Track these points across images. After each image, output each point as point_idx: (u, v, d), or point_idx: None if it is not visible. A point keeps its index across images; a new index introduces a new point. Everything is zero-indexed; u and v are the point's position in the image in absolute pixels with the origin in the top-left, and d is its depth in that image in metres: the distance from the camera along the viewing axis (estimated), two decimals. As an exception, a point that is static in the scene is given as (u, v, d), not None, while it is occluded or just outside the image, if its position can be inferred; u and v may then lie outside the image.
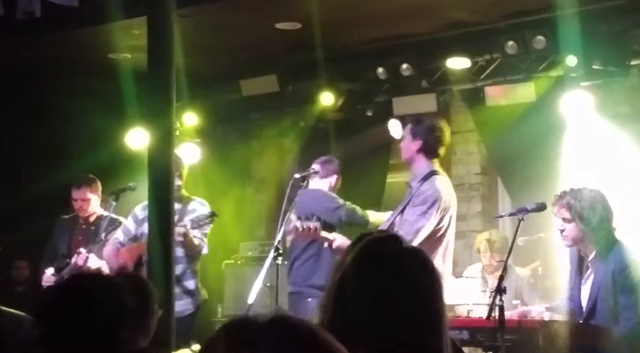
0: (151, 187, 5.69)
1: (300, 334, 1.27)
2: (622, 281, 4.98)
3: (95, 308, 2.74)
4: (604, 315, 5.02)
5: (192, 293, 6.83)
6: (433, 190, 5.76)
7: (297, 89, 8.89)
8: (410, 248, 2.14)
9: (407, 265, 2.06)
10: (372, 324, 1.97)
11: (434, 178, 5.86)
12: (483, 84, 8.08)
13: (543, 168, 7.60)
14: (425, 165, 5.90)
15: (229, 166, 9.56)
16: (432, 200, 5.71)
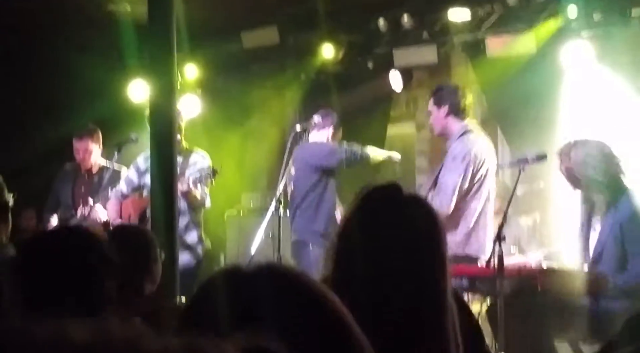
0: (153, 139, 5.72)
1: (289, 282, 1.27)
2: (630, 231, 5.02)
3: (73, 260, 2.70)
4: (610, 263, 5.06)
5: (193, 248, 6.85)
6: (462, 147, 5.89)
7: (297, 41, 8.87)
8: (411, 196, 2.15)
9: (408, 212, 2.06)
10: (371, 273, 1.97)
11: (465, 136, 6.01)
12: (483, 35, 8.06)
13: (543, 118, 7.63)
14: (460, 126, 6.03)
15: (230, 118, 9.57)
16: (461, 156, 5.85)
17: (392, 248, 2.01)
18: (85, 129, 7.55)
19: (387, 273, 1.98)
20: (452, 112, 6.07)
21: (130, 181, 7.09)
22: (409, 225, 2.04)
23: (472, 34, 8.22)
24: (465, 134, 6.03)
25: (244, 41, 8.84)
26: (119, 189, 7.12)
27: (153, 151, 5.72)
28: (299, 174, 6.97)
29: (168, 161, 5.55)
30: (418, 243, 2.02)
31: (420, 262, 2.01)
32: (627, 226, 5.03)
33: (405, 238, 2.01)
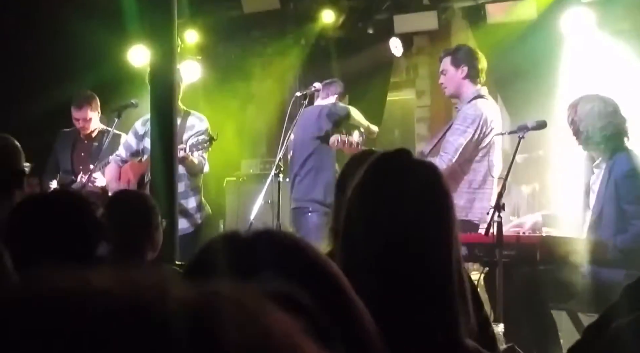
0: (153, 104, 5.73)
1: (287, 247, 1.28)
2: (626, 190, 5.01)
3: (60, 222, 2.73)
4: (610, 223, 5.05)
5: (190, 214, 6.82)
6: (474, 110, 5.92)
7: (298, 6, 8.84)
8: (419, 161, 2.13)
9: (418, 177, 2.05)
10: (380, 239, 1.97)
11: (479, 100, 6.03)
12: (484, 2, 8.04)
13: (543, 86, 7.62)
14: (474, 89, 6.06)
15: (230, 83, 9.55)
16: (471, 119, 5.88)
17: (401, 213, 2.00)
18: (82, 97, 7.51)
19: (396, 238, 1.98)
20: (469, 75, 6.09)
21: (129, 146, 7.09)
22: (419, 189, 2.02)
23: (473, 0, 8.19)
24: (477, 98, 6.06)
25: (244, 6, 8.80)
26: (119, 154, 7.12)
27: (153, 115, 5.74)
28: (297, 141, 6.98)
29: (168, 126, 5.57)
30: (427, 208, 2.01)
31: (430, 227, 2.00)
32: (622, 184, 5.01)
33: (415, 203, 2.00)
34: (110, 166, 7.14)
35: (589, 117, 5.12)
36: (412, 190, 2.02)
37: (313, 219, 6.58)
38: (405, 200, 2.00)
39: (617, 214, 5.03)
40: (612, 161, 5.11)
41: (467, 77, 6.11)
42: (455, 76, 6.12)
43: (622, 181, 5.02)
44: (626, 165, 5.06)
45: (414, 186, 2.03)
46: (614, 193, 5.02)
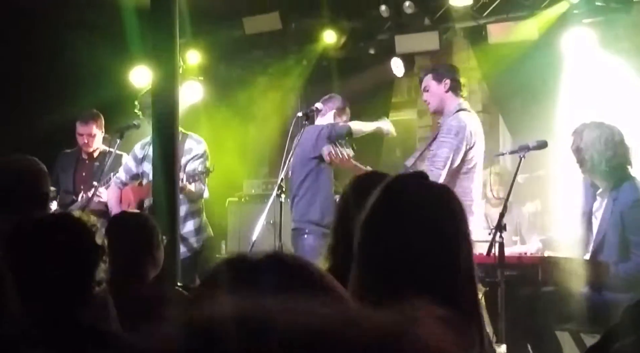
0: (155, 125, 5.74)
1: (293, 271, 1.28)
2: (631, 220, 5.00)
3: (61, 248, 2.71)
4: (612, 251, 5.05)
5: (185, 238, 6.76)
6: (457, 121, 5.97)
7: (299, 27, 8.87)
8: (435, 186, 2.13)
9: (433, 203, 2.06)
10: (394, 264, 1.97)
11: (462, 112, 6.12)
12: (485, 22, 8.05)
13: (544, 105, 7.63)
14: (456, 103, 6.12)
15: (232, 104, 9.57)
16: (456, 130, 5.94)
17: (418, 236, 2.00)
18: (89, 114, 7.55)
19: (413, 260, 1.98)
20: (451, 89, 6.15)
21: (129, 169, 7.11)
22: (437, 213, 2.03)
23: (474, 21, 8.21)
24: (460, 111, 6.13)
25: (246, 27, 8.83)
26: (119, 176, 7.15)
27: (155, 136, 5.74)
28: (296, 161, 6.96)
29: (170, 147, 5.58)
30: (444, 231, 2.02)
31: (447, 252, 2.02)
32: (628, 214, 5.02)
33: (432, 227, 2.01)
34: (111, 188, 7.16)
35: (595, 146, 5.11)
36: (430, 214, 2.02)
37: (309, 241, 6.54)
38: (423, 223, 2.01)
39: (620, 243, 5.02)
40: (616, 191, 5.11)
41: (449, 90, 6.18)
42: (437, 90, 6.19)
43: (628, 211, 5.02)
44: (632, 195, 5.07)
45: (432, 209, 2.03)
46: (619, 222, 5.02)
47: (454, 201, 2.10)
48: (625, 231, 5.00)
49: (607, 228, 5.09)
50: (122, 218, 4.40)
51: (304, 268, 1.29)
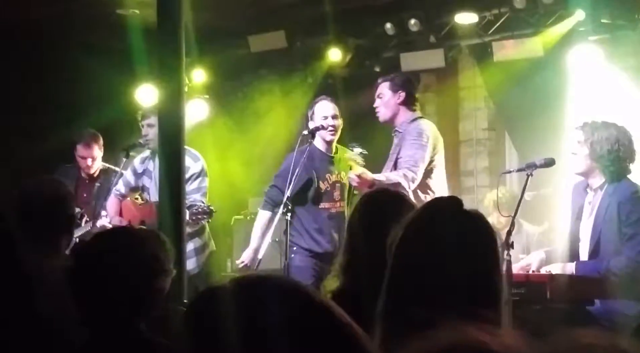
0: (161, 143, 5.73)
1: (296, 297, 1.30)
2: (627, 212, 4.98)
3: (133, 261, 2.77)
4: (608, 248, 5.01)
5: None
6: (420, 128, 6.08)
7: (305, 45, 8.89)
8: (472, 212, 2.14)
9: (469, 228, 2.07)
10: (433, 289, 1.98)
11: (421, 120, 6.20)
12: (491, 39, 8.06)
13: (550, 122, 7.61)
14: (410, 114, 6.14)
15: (238, 122, 9.58)
16: (427, 135, 6.03)
17: (453, 260, 2.02)
18: (89, 135, 7.52)
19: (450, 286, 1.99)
20: (405, 102, 6.17)
21: (128, 182, 7.13)
22: (471, 240, 2.05)
23: (479, 38, 8.23)
24: (417, 119, 6.19)
25: (251, 45, 8.86)
26: (118, 189, 7.17)
27: (161, 154, 5.73)
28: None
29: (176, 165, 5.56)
30: (479, 257, 2.04)
31: (481, 275, 2.04)
32: (625, 206, 4.99)
33: (466, 252, 2.03)
34: (111, 200, 7.16)
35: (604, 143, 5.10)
36: (467, 239, 2.03)
37: (295, 261, 6.48)
38: (460, 249, 2.02)
39: (617, 238, 5.00)
40: (613, 185, 5.10)
41: (403, 104, 6.18)
42: (391, 101, 6.20)
43: (625, 203, 5.00)
44: (630, 188, 5.07)
45: (467, 235, 2.05)
46: (615, 216, 5.00)
47: (489, 227, 2.12)
48: (622, 225, 4.98)
49: (602, 224, 5.06)
50: None
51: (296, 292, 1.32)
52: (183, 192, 5.62)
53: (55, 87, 8.57)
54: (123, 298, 2.70)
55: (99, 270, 2.74)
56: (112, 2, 8.05)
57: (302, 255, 6.28)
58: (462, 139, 9.58)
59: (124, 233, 3.06)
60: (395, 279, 2.04)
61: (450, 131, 9.60)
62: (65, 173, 7.69)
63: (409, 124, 6.13)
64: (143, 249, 2.81)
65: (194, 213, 6.48)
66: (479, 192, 9.25)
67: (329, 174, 6.52)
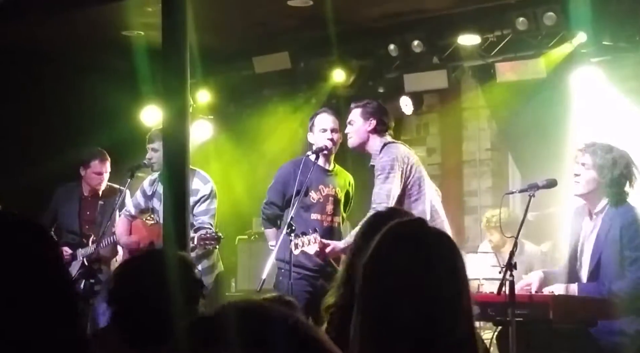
0: (166, 164, 5.76)
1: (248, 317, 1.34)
2: (629, 236, 4.98)
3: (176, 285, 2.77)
4: (608, 271, 5.01)
5: None
6: (387, 156, 6.05)
7: (309, 66, 8.93)
8: (437, 232, 2.17)
9: (437, 249, 2.09)
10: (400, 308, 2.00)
11: (388, 146, 6.17)
12: (494, 60, 8.10)
13: (553, 143, 7.65)
14: (379, 141, 6.16)
15: (242, 142, 9.62)
16: (389, 165, 5.99)
17: (417, 283, 2.03)
18: (101, 152, 7.62)
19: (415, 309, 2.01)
20: (376, 130, 6.20)
21: (138, 203, 7.15)
22: (435, 259, 2.06)
23: (482, 59, 8.27)
24: (386, 145, 6.18)
25: (255, 66, 8.90)
26: (128, 210, 7.20)
27: (165, 175, 5.77)
28: None
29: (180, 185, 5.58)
30: (443, 278, 2.05)
31: (446, 296, 2.04)
32: (627, 230, 4.99)
33: (431, 274, 2.04)
34: (121, 220, 7.20)
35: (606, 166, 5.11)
36: (429, 260, 2.04)
37: (280, 279, 6.46)
38: (422, 270, 2.03)
39: (618, 261, 5.00)
40: (614, 209, 5.11)
41: (373, 131, 6.21)
42: (361, 128, 6.23)
43: (628, 227, 5.01)
44: (632, 213, 5.08)
45: (430, 255, 2.06)
46: (617, 240, 5.01)
47: (453, 247, 2.13)
48: (624, 248, 4.98)
49: (603, 247, 5.06)
50: None
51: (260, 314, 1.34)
52: (187, 212, 5.63)
53: (59, 107, 8.62)
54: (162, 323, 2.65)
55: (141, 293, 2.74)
56: (117, 23, 8.11)
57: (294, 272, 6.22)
58: (465, 160, 9.61)
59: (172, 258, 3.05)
60: (365, 302, 2.06)
61: (454, 152, 9.63)
62: (67, 192, 7.75)
63: (378, 154, 6.14)
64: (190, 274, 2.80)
65: (202, 238, 6.50)
66: (482, 212, 9.26)
67: (322, 186, 6.51)
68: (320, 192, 6.49)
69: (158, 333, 2.65)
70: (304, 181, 6.32)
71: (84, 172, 7.63)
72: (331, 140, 6.45)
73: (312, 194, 6.45)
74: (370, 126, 6.24)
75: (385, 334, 1.95)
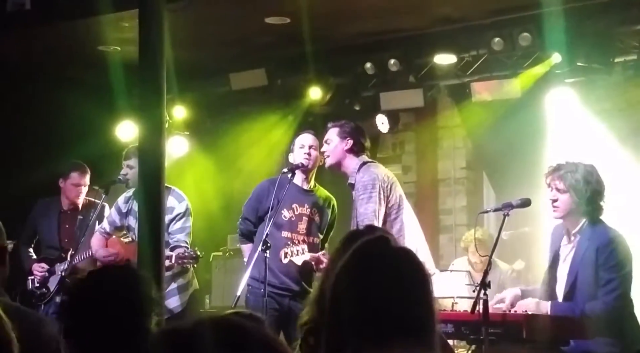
0: (141, 180, 5.75)
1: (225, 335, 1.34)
2: (605, 257, 4.99)
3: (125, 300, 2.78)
4: (584, 291, 5.02)
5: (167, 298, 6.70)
6: (368, 175, 6.07)
7: (285, 83, 8.94)
8: (399, 248, 2.20)
9: (398, 265, 2.12)
10: (364, 323, 2.02)
11: (367, 166, 6.20)
12: (469, 80, 8.15)
13: (528, 163, 7.69)
14: (356, 161, 6.20)
15: (218, 159, 9.61)
16: (371, 184, 6.03)
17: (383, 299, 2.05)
18: (82, 165, 7.58)
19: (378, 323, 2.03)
20: (352, 150, 6.23)
21: (113, 221, 7.10)
22: (399, 277, 2.08)
23: (458, 79, 8.32)
24: (364, 164, 6.22)
25: (232, 83, 8.90)
26: (103, 227, 7.15)
27: (141, 191, 5.76)
28: None
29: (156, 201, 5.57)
30: (408, 294, 2.07)
31: (411, 313, 2.06)
32: (603, 251, 5.00)
33: (395, 290, 2.06)
34: (96, 237, 7.17)
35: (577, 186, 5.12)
36: (393, 276, 2.08)
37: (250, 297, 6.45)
38: (386, 285, 2.06)
39: (593, 282, 5.02)
40: (591, 230, 5.12)
41: (350, 151, 6.25)
42: (338, 147, 6.27)
43: (604, 248, 5.02)
44: (608, 234, 5.09)
45: (394, 272, 2.09)
46: (593, 260, 5.01)
47: (417, 263, 2.16)
48: (599, 269, 5.00)
49: (578, 268, 5.08)
50: None
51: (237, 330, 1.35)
52: (163, 227, 5.62)
53: (35, 122, 8.57)
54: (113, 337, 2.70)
55: (92, 306, 2.76)
56: (93, 38, 8.08)
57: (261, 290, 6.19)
58: (440, 178, 9.65)
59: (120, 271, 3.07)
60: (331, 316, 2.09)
61: (429, 170, 9.67)
62: (46, 206, 7.70)
63: (356, 174, 6.16)
64: (138, 288, 2.82)
65: (180, 257, 6.49)
66: (457, 231, 9.30)
67: (296, 205, 6.50)
68: (293, 210, 6.48)
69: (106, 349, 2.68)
70: (276, 199, 6.32)
71: (63, 184, 7.59)
72: (308, 155, 6.45)
73: (284, 213, 6.45)
74: (347, 145, 6.26)
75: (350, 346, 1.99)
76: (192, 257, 6.53)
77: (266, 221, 6.26)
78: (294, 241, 6.39)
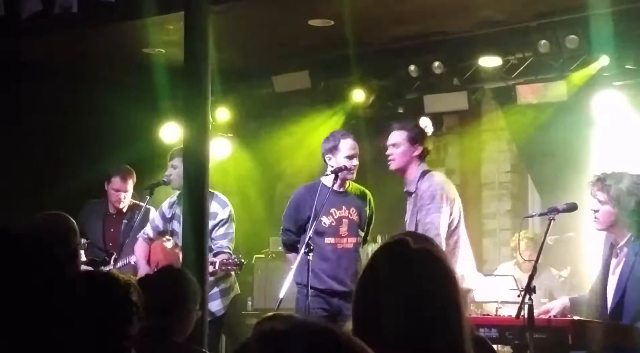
0: (186, 181, 5.77)
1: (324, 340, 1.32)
2: None
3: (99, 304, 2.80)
4: (632, 308, 4.95)
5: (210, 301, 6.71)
6: (434, 185, 5.98)
7: (328, 85, 8.94)
8: (419, 249, 2.16)
9: (417, 266, 2.08)
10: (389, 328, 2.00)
11: (429, 174, 6.12)
12: (514, 83, 8.09)
13: (573, 167, 7.60)
14: (419, 168, 6.12)
15: (261, 161, 9.62)
16: (439, 194, 5.94)
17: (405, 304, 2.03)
18: (126, 170, 7.61)
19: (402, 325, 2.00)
20: (420, 157, 6.14)
21: (156, 226, 7.12)
22: (419, 279, 2.06)
23: (503, 81, 8.26)
24: (427, 173, 6.13)
25: (275, 85, 8.91)
26: (146, 232, 7.17)
27: (185, 192, 5.77)
28: None
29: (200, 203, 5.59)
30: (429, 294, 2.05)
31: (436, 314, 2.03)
32: None
33: (417, 294, 2.04)
34: (139, 243, 7.17)
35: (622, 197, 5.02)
36: (412, 277, 2.05)
37: (297, 301, 6.44)
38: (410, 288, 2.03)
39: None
40: (638, 245, 5.02)
41: (418, 158, 6.15)
42: (407, 152, 6.15)
43: None
44: None
45: (414, 273, 2.07)
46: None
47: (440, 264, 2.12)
48: None
49: (627, 281, 4.98)
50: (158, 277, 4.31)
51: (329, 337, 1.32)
52: (206, 227, 5.65)
53: (81, 125, 8.63)
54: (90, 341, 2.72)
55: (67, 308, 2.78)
56: (138, 41, 8.14)
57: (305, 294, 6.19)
58: (484, 182, 9.57)
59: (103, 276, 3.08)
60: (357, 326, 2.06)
61: (473, 174, 9.60)
62: (93, 208, 7.76)
63: (420, 181, 6.07)
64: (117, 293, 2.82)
65: (224, 264, 6.50)
66: (500, 235, 9.22)
67: (334, 209, 6.47)
68: (332, 215, 6.45)
69: None
70: (315, 207, 6.28)
71: (107, 187, 7.65)
72: (354, 167, 6.44)
73: (324, 219, 6.42)
74: (416, 151, 6.16)
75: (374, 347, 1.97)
76: (235, 264, 6.54)
77: (307, 232, 6.22)
78: (338, 246, 6.39)
